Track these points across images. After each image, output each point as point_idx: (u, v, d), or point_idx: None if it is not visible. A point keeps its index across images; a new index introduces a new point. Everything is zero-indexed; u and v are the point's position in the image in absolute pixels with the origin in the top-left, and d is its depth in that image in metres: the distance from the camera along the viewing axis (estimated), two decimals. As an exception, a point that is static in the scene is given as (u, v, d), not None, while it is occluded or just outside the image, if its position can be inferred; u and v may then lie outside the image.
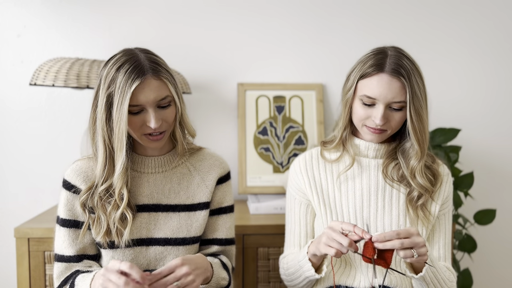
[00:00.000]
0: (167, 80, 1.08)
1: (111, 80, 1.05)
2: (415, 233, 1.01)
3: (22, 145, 1.87)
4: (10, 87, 1.86)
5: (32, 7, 1.84)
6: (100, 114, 1.06)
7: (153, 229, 1.16)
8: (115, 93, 1.04)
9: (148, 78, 1.05)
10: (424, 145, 1.16)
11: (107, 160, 1.08)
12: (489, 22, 1.96)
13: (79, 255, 1.13)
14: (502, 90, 1.99)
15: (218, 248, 1.24)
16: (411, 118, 1.12)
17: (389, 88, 1.11)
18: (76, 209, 1.13)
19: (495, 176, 2.01)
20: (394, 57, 1.13)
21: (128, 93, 1.02)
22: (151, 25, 1.88)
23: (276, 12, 1.91)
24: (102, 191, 1.10)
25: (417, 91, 1.11)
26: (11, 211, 1.86)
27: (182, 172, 1.21)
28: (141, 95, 1.04)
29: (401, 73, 1.10)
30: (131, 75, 1.03)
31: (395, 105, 1.12)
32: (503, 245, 2.04)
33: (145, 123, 1.07)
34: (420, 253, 1.00)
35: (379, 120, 1.12)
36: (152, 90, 1.05)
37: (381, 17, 1.93)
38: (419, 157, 1.17)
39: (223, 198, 1.25)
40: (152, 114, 1.06)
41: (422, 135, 1.15)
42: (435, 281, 1.10)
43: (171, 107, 1.10)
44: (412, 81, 1.11)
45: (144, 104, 1.05)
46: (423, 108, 1.13)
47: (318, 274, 1.11)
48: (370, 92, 1.12)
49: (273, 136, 1.87)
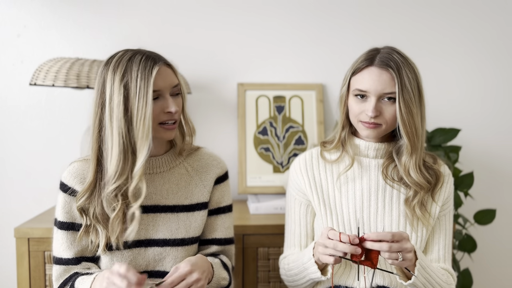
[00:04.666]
0: (176, 70, 1.13)
1: (124, 71, 1.04)
2: (406, 238, 1.02)
3: (22, 145, 1.87)
4: (10, 87, 1.86)
5: (32, 7, 1.84)
6: (116, 108, 1.03)
7: (151, 230, 1.16)
8: (132, 82, 1.03)
9: (162, 65, 1.09)
10: (414, 139, 1.15)
11: (125, 154, 1.04)
12: (488, 22, 1.96)
13: (77, 258, 1.13)
14: (502, 90, 1.99)
15: (218, 248, 1.24)
16: (400, 110, 1.12)
17: (379, 80, 1.13)
18: (74, 211, 1.12)
19: (495, 176, 2.01)
20: (385, 52, 1.16)
21: (151, 78, 1.04)
22: (151, 25, 1.88)
23: (276, 12, 1.91)
24: (111, 191, 1.05)
25: (407, 84, 1.12)
26: (11, 211, 1.86)
27: (180, 172, 1.21)
28: (160, 81, 1.07)
29: (390, 65, 1.12)
30: (148, 62, 1.06)
31: (386, 97, 1.13)
32: (503, 245, 2.04)
33: (163, 110, 1.08)
34: (405, 257, 1.01)
35: (371, 112, 1.13)
36: (168, 76, 1.09)
37: (381, 17, 1.93)
38: (409, 152, 1.16)
39: (221, 198, 1.25)
40: (170, 99, 1.09)
41: (412, 128, 1.14)
42: (429, 285, 1.10)
43: (180, 96, 1.13)
44: (401, 73, 1.12)
45: (162, 89, 1.08)
46: (414, 102, 1.13)
47: (324, 276, 1.11)
48: (361, 86, 1.15)
49: (273, 136, 1.87)
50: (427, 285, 1.09)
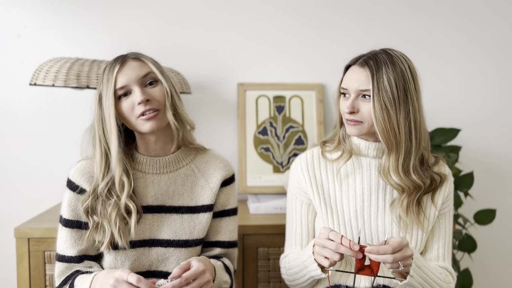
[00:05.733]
0: (147, 60, 1.14)
1: (100, 80, 1.13)
2: (406, 245, 1.02)
3: (22, 145, 1.87)
4: (10, 87, 1.86)
5: (32, 7, 1.84)
6: (96, 116, 1.12)
7: (156, 230, 1.16)
8: (102, 86, 1.11)
9: (128, 61, 1.12)
10: (390, 138, 1.12)
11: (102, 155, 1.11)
12: (488, 21, 1.96)
13: (80, 256, 1.13)
14: (502, 90, 1.99)
15: (221, 250, 1.24)
16: (374, 108, 1.12)
17: (356, 77, 1.14)
18: (79, 209, 1.13)
19: (495, 176, 2.01)
20: (373, 53, 1.16)
21: (112, 77, 1.09)
22: (151, 25, 1.88)
23: (276, 12, 1.91)
24: (103, 188, 1.10)
25: (384, 82, 1.11)
26: (11, 211, 1.86)
27: (187, 173, 1.21)
28: (123, 76, 1.10)
29: (368, 64, 1.13)
30: (112, 64, 1.12)
31: (362, 94, 1.14)
32: (503, 245, 2.04)
33: (135, 103, 1.10)
34: (406, 264, 1.02)
35: (347, 108, 1.14)
36: (132, 69, 1.11)
37: (380, 17, 1.93)
38: (387, 152, 1.15)
39: (227, 201, 1.25)
40: (137, 89, 1.10)
41: (387, 127, 1.12)
42: (426, 284, 1.09)
43: (158, 85, 1.13)
44: (379, 72, 1.11)
45: (127, 84, 1.10)
46: (392, 102, 1.11)
47: (325, 274, 1.11)
48: (343, 84, 1.18)
49: (273, 136, 1.87)
50: (424, 284, 1.09)
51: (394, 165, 1.15)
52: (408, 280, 1.06)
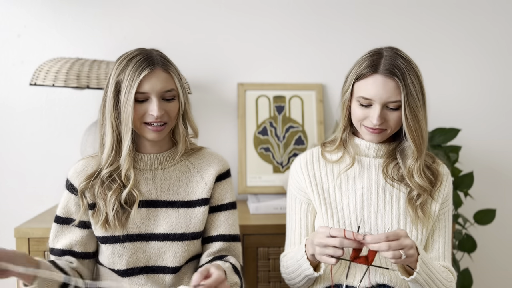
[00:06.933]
0: (174, 75, 1.15)
1: (122, 68, 1.11)
2: (403, 235, 1.02)
3: (22, 145, 1.87)
4: (10, 87, 1.86)
5: (32, 7, 1.84)
6: (109, 100, 1.12)
7: (152, 225, 1.17)
8: (123, 80, 1.10)
9: (157, 69, 1.11)
10: (420, 144, 1.16)
11: (114, 143, 1.13)
12: (489, 21, 1.96)
13: (64, 250, 1.16)
14: (502, 90, 1.99)
15: (223, 244, 1.23)
16: (406, 118, 1.12)
17: (384, 88, 1.12)
18: (71, 208, 1.17)
19: (495, 176, 2.01)
20: (388, 57, 1.14)
21: (137, 80, 1.09)
22: (151, 25, 1.88)
23: (276, 12, 1.91)
24: (106, 174, 1.13)
25: (412, 91, 1.11)
26: (11, 211, 1.86)
27: (181, 169, 1.22)
28: (148, 84, 1.10)
29: (395, 73, 1.11)
30: (142, 64, 1.10)
31: (391, 105, 1.13)
32: (503, 245, 2.04)
33: (148, 112, 1.12)
34: (408, 254, 1.01)
35: (376, 120, 1.13)
36: (159, 81, 1.11)
37: (380, 18, 1.93)
38: (415, 157, 1.17)
39: (223, 195, 1.25)
40: (155, 103, 1.11)
41: (418, 134, 1.14)
42: (430, 282, 1.10)
43: (174, 101, 1.15)
44: (406, 80, 1.11)
45: (149, 92, 1.10)
46: (419, 107, 1.13)
47: (317, 272, 1.12)
48: (366, 93, 1.14)
49: (273, 136, 1.87)
50: (429, 281, 1.09)
51: (418, 167, 1.17)
52: (415, 276, 1.06)
